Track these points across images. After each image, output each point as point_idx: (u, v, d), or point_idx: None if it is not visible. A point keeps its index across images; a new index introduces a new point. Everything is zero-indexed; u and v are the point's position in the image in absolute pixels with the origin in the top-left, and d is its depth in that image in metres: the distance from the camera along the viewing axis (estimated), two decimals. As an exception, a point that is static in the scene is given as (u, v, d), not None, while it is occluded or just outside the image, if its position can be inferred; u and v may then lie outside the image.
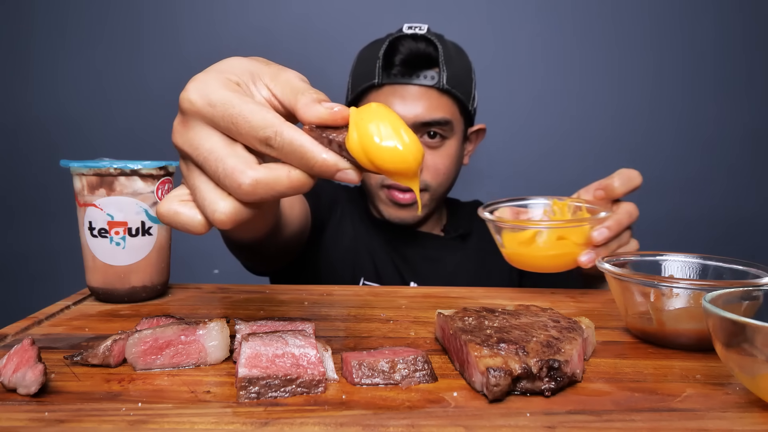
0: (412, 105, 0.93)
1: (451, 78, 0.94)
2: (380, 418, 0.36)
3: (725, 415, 0.38)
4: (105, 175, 0.61)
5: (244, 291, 0.71)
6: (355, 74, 1.01)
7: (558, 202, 0.75)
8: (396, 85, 0.94)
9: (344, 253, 1.04)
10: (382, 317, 0.60)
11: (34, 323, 0.55)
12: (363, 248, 1.05)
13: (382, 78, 0.95)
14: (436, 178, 0.99)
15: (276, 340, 0.42)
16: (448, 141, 0.98)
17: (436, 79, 0.93)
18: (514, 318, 0.48)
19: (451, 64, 0.95)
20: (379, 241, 1.05)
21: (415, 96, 0.93)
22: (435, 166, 0.98)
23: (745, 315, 0.38)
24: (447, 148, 0.98)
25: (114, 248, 0.62)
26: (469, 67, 1.01)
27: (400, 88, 0.94)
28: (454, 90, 0.95)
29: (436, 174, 0.98)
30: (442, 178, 0.99)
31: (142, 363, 0.43)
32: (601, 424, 0.36)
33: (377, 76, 0.95)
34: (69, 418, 0.35)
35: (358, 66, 1.01)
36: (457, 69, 0.97)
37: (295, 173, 0.36)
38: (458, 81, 0.96)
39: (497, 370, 0.38)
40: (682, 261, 0.60)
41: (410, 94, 0.93)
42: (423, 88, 0.93)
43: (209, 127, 0.37)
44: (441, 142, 0.98)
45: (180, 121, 0.38)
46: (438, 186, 1.00)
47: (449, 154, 0.99)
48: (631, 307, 0.53)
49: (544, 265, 0.70)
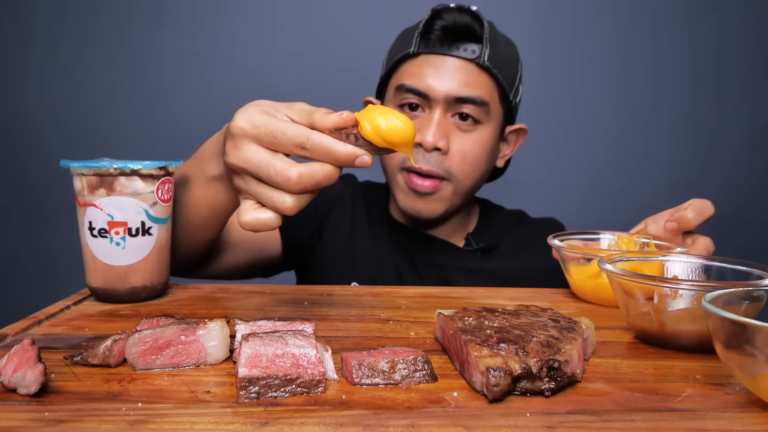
0: (448, 78, 0.85)
1: (493, 57, 0.86)
2: (380, 418, 0.36)
3: (725, 415, 0.38)
4: (105, 175, 0.61)
5: (244, 291, 0.71)
6: (392, 49, 0.94)
7: (623, 237, 0.75)
8: (432, 55, 0.86)
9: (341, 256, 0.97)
10: (382, 317, 0.60)
11: (34, 323, 0.55)
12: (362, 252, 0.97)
13: (419, 47, 0.87)
14: (462, 167, 0.88)
15: (276, 340, 0.42)
16: (482, 126, 0.88)
17: (477, 54, 0.85)
18: (514, 318, 0.48)
19: (496, 43, 0.87)
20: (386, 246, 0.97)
21: (452, 69, 0.85)
22: (462, 151, 0.87)
23: (745, 315, 0.38)
24: (479, 133, 0.88)
25: (114, 248, 0.62)
26: (516, 56, 0.93)
27: (436, 58, 0.86)
28: (495, 70, 0.86)
29: (462, 161, 0.87)
30: (468, 168, 0.88)
31: (142, 363, 0.43)
32: (601, 424, 0.36)
33: (414, 44, 0.87)
34: (69, 418, 0.35)
35: (397, 40, 0.93)
36: (503, 51, 0.89)
37: (327, 166, 0.49)
38: (502, 63, 0.87)
39: (497, 370, 0.38)
40: (684, 262, 0.60)
41: (446, 66, 0.85)
42: (461, 61, 0.85)
43: (256, 144, 0.50)
44: (473, 126, 0.88)
45: (232, 145, 0.51)
46: (463, 177, 0.88)
47: (481, 140, 0.88)
48: (632, 307, 0.53)
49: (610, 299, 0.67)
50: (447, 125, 0.87)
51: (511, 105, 0.92)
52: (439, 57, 0.86)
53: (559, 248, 0.71)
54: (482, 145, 0.89)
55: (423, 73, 0.86)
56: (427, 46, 0.87)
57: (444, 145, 0.86)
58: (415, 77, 0.87)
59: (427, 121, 0.87)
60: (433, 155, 0.86)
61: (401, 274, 0.95)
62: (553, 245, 0.72)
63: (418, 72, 0.86)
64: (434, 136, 0.85)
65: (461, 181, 0.89)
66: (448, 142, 0.86)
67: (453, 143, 0.87)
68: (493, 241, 0.98)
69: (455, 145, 0.87)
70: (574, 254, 0.70)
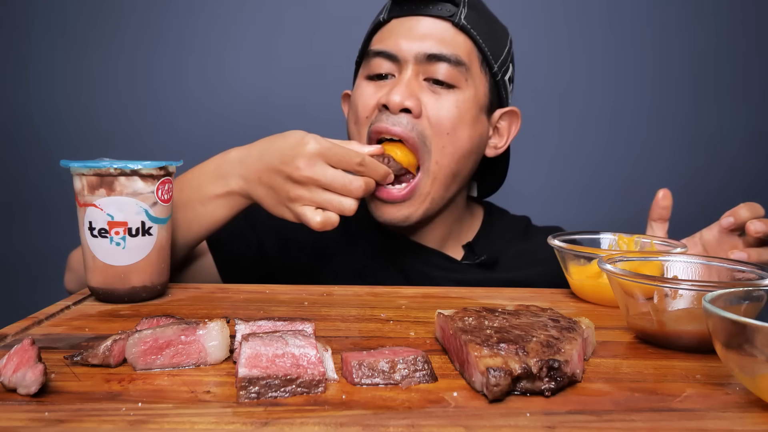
0: (420, 37, 0.77)
1: (472, 18, 0.78)
2: (380, 418, 0.36)
3: (725, 415, 0.38)
4: (105, 175, 0.61)
5: (244, 291, 0.71)
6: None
7: (624, 237, 0.75)
8: (403, 18, 0.79)
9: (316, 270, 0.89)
10: (382, 317, 0.60)
11: (34, 323, 0.55)
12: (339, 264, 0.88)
13: (390, 12, 0.80)
14: (438, 135, 0.77)
15: (276, 340, 0.42)
16: (459, 90, 0.78)
17: (452, 12, 0.77)
18: (514, 318, 0.48)
19: (476, 7, 0.80)
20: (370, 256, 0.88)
21: (424, 31, 0.77)
22: (437, 115, 0.76)
23: (745, 315, 0.38)
24: (456, 95, 0.78)
25: (114, 248, 0.62)
26: (505, 31, 0.86)
27: (407, 20, 0.78)
28: (474, 31, 0.78)
29: (438, 126, 0.76)
30: (446, 139, 0.77)
31: (142, 363, 0.43)
32: (601, 424, 0.36)
33: (384, 11, 0.81)
34: (69, 418, 0.35)
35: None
36: (484, 16, 0.82)
37: (371, 180, 0.70)
38: (483, 28, 0.80)
39: (497, 370, 0.38)
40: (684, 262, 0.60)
41: (419, 26, 0.78)
42: (435, 20, 0.77)
43: (325, 163, 0.67)
44: (449, 90, 0.78)
45: (306, 163, 0.66)
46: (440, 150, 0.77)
47: (458, 104, 0.77)
48: (632, 307, 0.53)
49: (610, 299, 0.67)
50: (418, 86, 0.77)
51: (497, 80, 0.83)
52: (411, 18, 0.78)
53: (559, 248, 0.71)
54: (460, 111, 0.77)
55: (393, 35, 0.79)
56: (398, 10, 0.80)
57: (414, 105, 0.75)
58: (385, 40, 0.80)
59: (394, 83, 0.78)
60: (403, 117, 0.76)
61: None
62: (553, 245, 0.72)
63: (389, 35, 0.79)
64: (401, 94, 0.75)
65: (440, 159, 0.78)
66: (420, 103, 0.76)
67: (426, 107, 0.77)
68: (495, 253, 0.87)
69: (429, 109, 0.77)
70: (574, 254, 0.70)
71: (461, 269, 0.87)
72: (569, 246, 0.71)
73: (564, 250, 0.71)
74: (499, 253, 0.88)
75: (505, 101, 0.87)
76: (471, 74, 0.79)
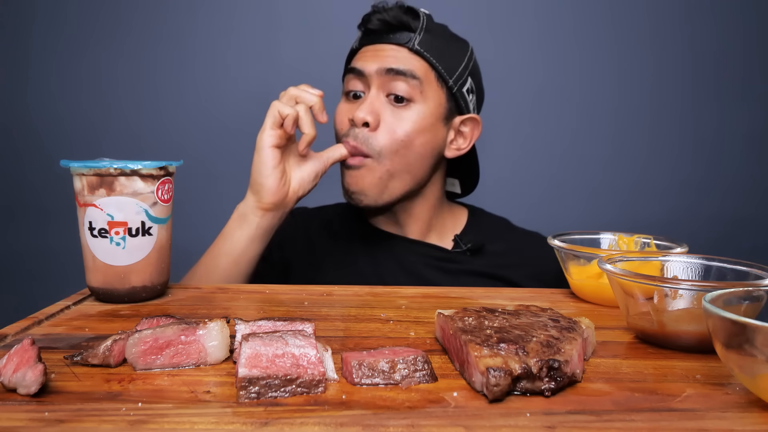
0: (381, 60, 0.92)
1: (426, 42, 0.92)
2: (380, 418, 0.36)
3: (725, 415, 0.38)
4: (105, 175, 0.61)
5: (244, 291, 0.71)
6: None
7: (624, 237, 0.75)
8: (370, 45, 0.94)
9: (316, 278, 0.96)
10: (382, 317, 0.60)
11: (34, 323, 0.55)
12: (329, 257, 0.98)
13: (360, 42, 0.96)
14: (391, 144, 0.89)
15: (276, 340, 0.42)
16: (414, 105, 0.91)
17: (408, 39, 0.92)
18: (514, 318, 0.48)
19: (431, 32, 0.93)
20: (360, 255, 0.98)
21: (386, 54, 0.92)
22: (391, 128, 0.90)
23: (745, 315, 0.38)
24: (411, 111, 0.91)
25: (114, 248, 0.62)
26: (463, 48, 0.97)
27: (373, 47, 0.94)
28: (428, 54, 0.91)
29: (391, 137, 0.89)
30: (398, 146, 0.90)
31: (142, 363, 0.43)
32: (601, 424, 0.36)
33: (357, 41, 0.97)
34: (69, 418, 0.35)
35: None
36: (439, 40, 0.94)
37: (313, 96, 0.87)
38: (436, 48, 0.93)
39: (497, 370, 0.38)
40: (684, 262, 0.60)
41: (381, 51, 0.93)
42: (394, 46, 0.92)
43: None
44: (406, 105, 0.91)
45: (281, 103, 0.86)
46: (392, 155, 0.90)
47: (412, 118, 0.90)
48: (632, 307, 0.53)
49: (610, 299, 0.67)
50: (380, 104, 0.91)
51: (454, 92, 0.95)
52: (377, 45, 0.94)
53: (559, 248, 0.71)
54: (413, 123, 0.91)
55: (362, 57, 0.94)
56: (366, 39, 0.95)
57: (372, 120, 0.89)
58: (356, 62, 0.95)
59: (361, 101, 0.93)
60: (361, 132, 0.90)
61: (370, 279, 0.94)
62: (553, 245, 0.72)
63: (359, 58, 0.95)
64: (363, 111, 0.90)
65: (392, 161, 0.90)
66: (378, 118, 0.90)
67: (384, 121, 0.90)
68: (481, 241, 0.99)
69: (385, 123, 0.90)
70: (574, 254, 0.70)
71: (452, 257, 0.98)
72: (569, 246, 0.71)
73: (564, 250, 0.71)
74: (483, 241, 0.99)
75: (465, 109, 0.98)
76: (426, 89, 0.92)
